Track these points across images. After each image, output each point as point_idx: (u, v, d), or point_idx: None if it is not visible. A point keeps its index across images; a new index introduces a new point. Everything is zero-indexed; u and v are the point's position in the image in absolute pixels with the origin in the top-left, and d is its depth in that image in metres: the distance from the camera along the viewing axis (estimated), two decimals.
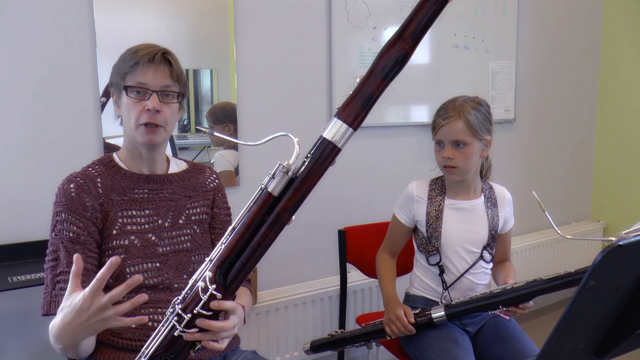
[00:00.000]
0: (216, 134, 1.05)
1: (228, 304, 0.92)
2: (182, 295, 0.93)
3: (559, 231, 1.26)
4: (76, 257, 0.97)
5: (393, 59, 0.82)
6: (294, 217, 0.87)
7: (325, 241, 2.30)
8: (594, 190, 3.47)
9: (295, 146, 0.88)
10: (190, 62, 1.98)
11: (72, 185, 1.21)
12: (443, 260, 1.63)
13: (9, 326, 1.72)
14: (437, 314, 1.54)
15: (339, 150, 0.84)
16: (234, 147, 2.11)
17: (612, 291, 0.74)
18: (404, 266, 1.85)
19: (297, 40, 2.21)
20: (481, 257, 1.63)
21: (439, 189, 1.67)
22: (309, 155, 0.85)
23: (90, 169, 1.27)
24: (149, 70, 1.20)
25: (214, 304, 0.90)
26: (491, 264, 1.68)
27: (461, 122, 1.53)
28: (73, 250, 1.16)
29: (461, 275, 1.61)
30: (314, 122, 2.25)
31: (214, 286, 0.88)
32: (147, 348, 0.95)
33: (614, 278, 0.72)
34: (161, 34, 1.90)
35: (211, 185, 1.40)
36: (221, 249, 0.90)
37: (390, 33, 2.55)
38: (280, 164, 0.86)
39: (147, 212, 1.26)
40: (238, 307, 1.02)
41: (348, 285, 2.05)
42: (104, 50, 1.78)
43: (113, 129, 1.80)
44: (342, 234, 1.96)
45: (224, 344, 1.01)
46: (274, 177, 0.86)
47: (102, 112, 1.81)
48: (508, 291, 1.47)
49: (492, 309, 1.50)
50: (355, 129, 0.84)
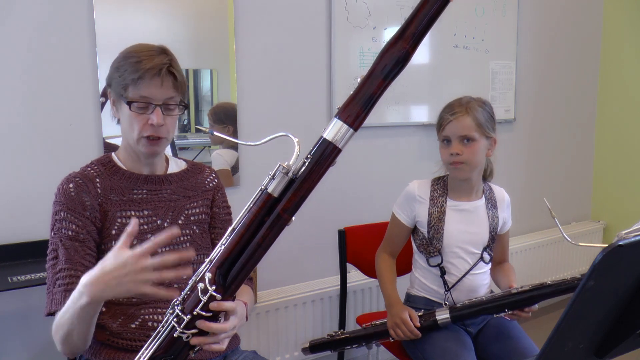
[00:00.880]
0: (216, 133, 1.05)
1: (227, 304, 0.92)
2: (181, 296, 0.93)
3: (568, 238, 1.27)
4: (133, 221, 0.97)
5: (394, 58, 0.81)
6: (294, 217, 0.87)
7: (325, 241, 2.30)
8: (594, 190, 3.47)
9: (295, 146, 0.87)
10: (190, 62, 1.98)
11: (71, 185, 1.20)
12: (444, 261, 1.62)
13: (9, 326, 1.72)
14: (442, 316, 1.54)
15: (340, 150, 0.84)
16: (232, 146, 2.10)
17: (612, 291, 0.74)
18: (404, 266, 1.85)
19: (297, 40, 2.21)
20: (481, 258, 1.63)
21: (441, 189, 1.66)
22: (309, 155, 0.84)
23: (89, 169, 1.26)
24: (153, 85, 1.17)
25: (213, 305, 0.90)
26: (489, 265, 1.68)
27: (469, 117, 1.55)
28: (71, 248, 1.16)
29: (463, 277, 1.61)
30: (314, 122, 2.25)
31: (213, 287, 0.88)
32: (146, 349, 0.94)
33: (614, 278, 0.72)
34: (161, 34, 1.90)
35: (210, 185, 1.39)
36: (221, 249, 0.89)
37: (390, 33, 2.54)
38: (280, 164, 0.85)
39: (145, 212, 1.26)
40: (239, 305, 1.02)
41: (348, 285, 2.05)
42: (104, 50, 1.78)
43: (113, 129, 1.80)
44: (342, 234, 1.96)
45: (224, 345, 1.01)
46: (274, 178, 0.86)
47: (102, 112, 1.81)
48: (513, 295, 1.48)
49: (497, 312, 1.50)
50: (355, 130, 0.83)
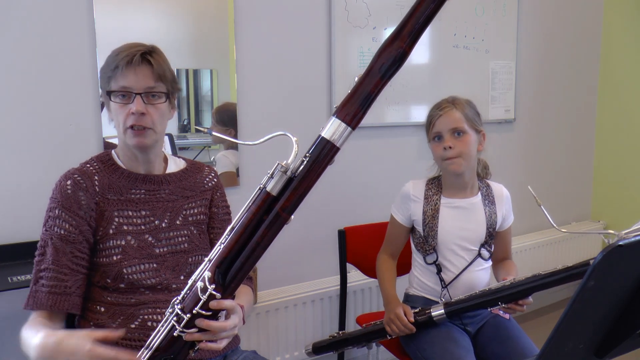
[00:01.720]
0: (215, 133, 1.05)
1: (227, 303, 0.92)
2: (181, 296, 0.93)
3: (554, 224, 1.27)
4: (119, 332, 1.01)
5: (391, 57, 0.81)
6: (292, 216, 0.87)
7: (325, 241, 2.30)
8: (594, 190, 3.47)
9: (293, 145, 0.87)
10: (190, 62, 1.98)
11: (68, 182, 1.21)
12: (440, 258, 1.63)
13: (9, 326, 1.71)
14: (437, 312, 1.54)
15: (338, 149, 0.84)
16: (235, 147, 2.11)
17: (612, 291, 0.74)
18: (403, 266, 1.85)
19: (297, 40, 2.21)
20: (479, 254, 1.63)
21: (436, 188, 1.67)
22: (307, 154, 0.84)
23: (88, 165, 1.26)
24: (129, 73, 1.18)
25: (213, 304, 0.90)
26: (490, 262, 1.68)
27: (457, 111, 1.59)
28: (60, 248, 1.17)
29: (460, 274, 1.61)
30: (314, 121, 2.24)
31: (213, 286, 0.88)
32: (146, 348, 0.95)
33: (614, 278, 0.72)
34: (161, 34, 1.90)
35: (209, 184, 1.39)
36: (220, 248, 0.89)
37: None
38: (278, 163, 0.85)
39: (143, 212, 1.26)
40: (237, 306, 1.02)
41: (348, 285, 2.05)
42: (104, 50, 1.78)
43: (113, 128, 1.80)
44: (342, 234, 1.96)
45: (222, 344, 1.01)
46: (272, 177, 0.86)
47: (102, 112, 1.81)
48: (507, 287, 1.47)
49: (491, 306, 1.50)
50: (353, 128, 0.83)
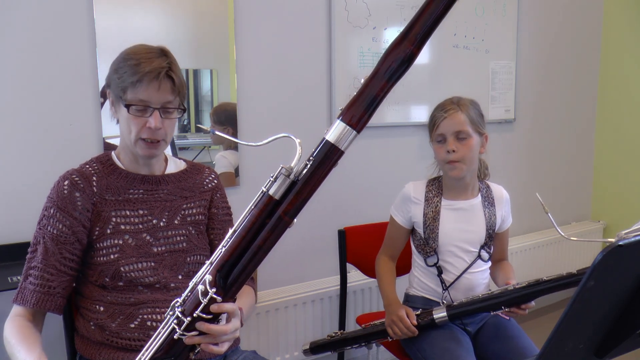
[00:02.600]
0: (217, 133, 1.04)
1: (228, 306, 0.91)
2: (182, 298, 0.93)
3: (561, 232, 1.26)
4: None
5: (399, 59, 0.79)
6: (295, 220, 0.86)
7: (325, 241, 2.30)
8: (594, 190, 3.47)
9: (297, 148, 0.86)
10: (190, 62, 1.98)
11: (66, 183, 1.22)
12: (440, 261, 1.63)
13: None
14: (439, 314, 1.54)
15: (342, 153, 0.82)
16: (234, 147, 2.10)
17: (612, 291, 0.74)
18: (403, 267, 1.85)
19: (297, 40, 2.21)
20: (479, 256, 1.63)
21: (436, 189, 1.67)
22: (311, 158, 0.83)
23: (87, 166, 1.27)
24: (151, 88, 1.17)
25: (213, 307, 0.89)
26: (489, 263, 1.68)
27: (462, 114, 1.56)
28: (51, 248, 1.19)
29: (460, 275, 1.61)
30: (314, 122, 2.24)
31: (214, 290, 0.87)
32: (146, 350, 0.94)
33: (614, 278, 0.72)
34: (161, 34, 1.90)
35: (209, 185, 1.39)
36: (222, 252, 0.89)
37: (391, 33, 2.55)
38: (282, 167, 0.84)
39: (140, 212, 1.26)
40: (238, 310, 1.02)
41: (348, 285, 2.05)
42: (104, 50, 1.78)
43: (113, 128, 1.80)
44: (342, 234, 1.96)
45: (224, 348, 1.01)
46: (275, 180, 0.85)
47: (102, 112, 1.81)
48: (510, 292, 1.47)
49: (494, 310, 1.50)
50: (359, 132, 0.81)
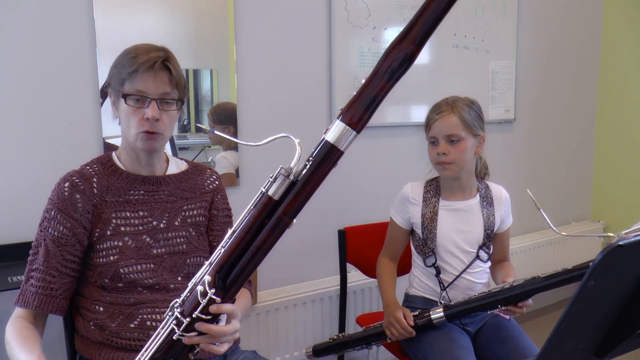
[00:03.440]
0: (217, 132, 1.04)
1: (227, 307, 0.91)
2: (181, 299, 0.93)
3: (553, 227, 1.26)
4: None
5: (399, 59, 0.78)
6: (294, 220, 0.86)
7: (325, 241, 2.30)
8: (594, 190, 3.47)
9: (296, 148, 0.86)
10: (190, 62, 1.98)
11: (66, 185, 1.21)
12: (439, 261, 1.63)
13: None
14: (437, 315, 1.54)
15: (342, 153, 0.82)
16: (235, 148, 2.10)
17: (612, 291, 0.74)
18: (403, 267, 1.85)
19: (297, 40, 2.21)
20: (477, 256, 1.63)
21: (434, 190, 1.67)
22: (310, 158, 0.83)
23: (88, 167, 1.27)
24: (148, 78, 1.18)
25: (212, 308, 0.89)
26: (488, 263, 1.68)
27: (455, 117, 1.55)
28: (52, 250, 1.19)
29: (458, 276, 1.61)
30: (314, 122, 2.24)
31: (213, 290, 0.87)
32: (145, 350, 0.94)
33: (614, 278, 0.72)
34: (161, 34, 1.90)
35: (210, 186, 1.38)
36: (221, 252, 0.89)
37: (390, 33, 2.54)
38: (281, 167, 0.84)
39: (141, 213, 1.26)
40: (237, 310, 1.01)
41: (348, 285, 2.05)
42: (104, 50, 1.78)
43: (113, 128, 1.81)
44: (342, 234, 1.96)
45: (223, 348, 1.01)
46: (274, 181, 0.85)
47: (102, 112, 1.81)
48: (506, 290, 1.47)
49: (491, 309, 1.49)
50: (358, 132, 0.81)
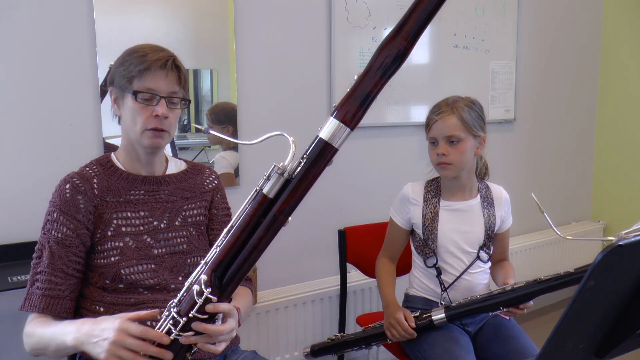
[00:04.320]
0: (212, 132, 1.05)
1: (224, 306, 0.91)
2: (177, 299, 0.92)
3: (558, 232, 1.26)
4: (153, 312, 0.98)
5: (392, 55, 0.78)
6: (290, 218, 0.85)
7: (325, 241, 2.30)
8: (594, 190, 3.47)
9: (290, 146, 0.85)
10: (190, 62, 1.98)
11: (67, 186, 1.21)
12: (439, 262, 1.63)
13: (9, 326, 1.71)
14: (438, 316, 1.54)
15: (336, 150, 0.82)
16: (234, 148, 2.10)
17: (612, 291, 0.74)
18: (403, 267, 1.85)
19: (297, 40, 2.21)
20: (478, 257, 1.63)
21: (435, 190, 1.66)
22: (305, 156, 0.83)
23: (87, 168, 1.26)
24: (159, 77, 1.19)
25: (209, 307, 0.89)
26: (489, 263, 1.68)
27: (454, 117, 1.54)
28: (57, 252, 1.18)
29: (459, 276, 1.61)
30: (314, 122, 2.22)
31: (209, 289, 0.87)
32: None
33: (614, 278, 0.72)
34: (161, 34, 1.90)
35: (209, 186, 1.39)
36: (216, 251, 0.88)
37: None
38: (275, 165, 0.84)
39: (142, 213, 1.26)
40: (234, 309, 1.01)
41: (348, 285, 2.05)
42: (104, 50, 1.78)
43: (113, 128, 1.80)
44: (342, 234, 1.96)
45: (221, 347, 1.01)
46: (269, 179, 0.84)
47: (102, 112, 1.81)
48: (508, 292, 1.47)
49: (492, 310, 1.49)
50: (352, 129, 0.81)
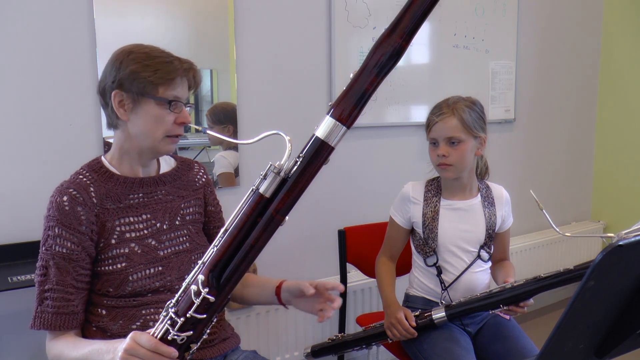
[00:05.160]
0: (209, 132, 1.04)
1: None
2: (175, 299, 0.92)
3: (556, 228, 1.27)
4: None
5: (387, 53, 0.78)
6: (287, 217, 0.85)
7: (325, 241, 2.30)
8: (594, 190, 3.47)
9: (286, 145, 0.85)
10: None
11: (65, 198, 1.15)
12: (440, 261, 1.63)
13: (9, 326, 1.72)
14: (438, 315, 1.54)
15: (332, 149, 0.81)
16: (234, 147, 2.10)
17: (612, 291, 0.74)
18: (403, 267, 1.85)
19: (297, 40, 2.21)
20: (478, 256, 1.63)
21: (435, 189, 1.66)
22: (301, 155, 0.82)
23: (81, 176, 1.21)
24: (184, 84, 1.21)
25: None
26: (489, 263, 1.68)
27: (455, 119, 1.54)
28: (64, 267, 1.14)
29: (459, 275, 1.61)
30: (314, 122, 2.21)
31: (206, 289, 0.87)
32: None
33: (614, 278, 0.72)
34: (161, 34, 1.90)
35: (200, 182, 1.38)
36: (213, 251, 0.88)
37: None
38: (271, 164, 0.83)
39: (144, 216, 1.24)
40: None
41: (348, 285, 2.05)
42: (104, 50, 1.78)
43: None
44: (342, 234, 1.96)
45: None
46: (265, 178, 0.84)
47: (101, 112, 1.80)
48: (508, 290, 1.47)
49: (492, 309, 1.49)
50: (349, 127, 0.80)
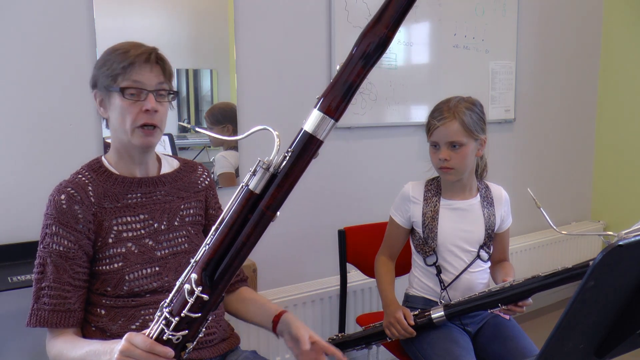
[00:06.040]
0: (198, 129, 1.03)
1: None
2: (169, 298, 0.92)
3: (554, 226, 1.27)
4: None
5: (373, 44, 0.77)
6: (278, 213, 0.84)
7: (325, 241, 2.30)
8: (594, 190, 3.47)
9: (275, 140, 0.84)
10: (190, 62, 1.98)
11: (62, 197, 1.16)
12: (440, 260, 1.63)
13: (9, 326, 1.72)
14: (437, 314, 1.54)
15: (321, 142, 0.81)
16: (235, 147, 2.10)
17: (612, 291, 0.74)
18: (403, 267, 1.85)
19: (297, 40, 2.21)
20: (478, 256, 1.63)
21: (435, 189, 1.67)
22: (289, 149, 0.82)
23: (80, 176, 1.22)
24: (144, 71, 1.17)
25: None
26: (489, 263, 1.68)
27: (456, 122, 1.53)
28: (61, 266, 1.14)
29: (459, 275, 1.61)
30: None
31: (200, 288, 0.87)
32: None
33: (614, 278, 0.72)
34: (161, 34, 1.90)
35: (203, 184, 1.38)
36: (205, 250, 0.88)
37: None
38: (260, 160, 0.83)
39: (142, 217, 1.24)
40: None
41: (348, 285, 2.05)
42: (103, 50, 1.77)
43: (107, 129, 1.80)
44: (342, 234, 1.96)
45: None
46: (254, 174, 0.84)
47: None
48: (506, 289, 1.47)
49: (491, 308, 1.49)
50: (337, 120, 0.80)
